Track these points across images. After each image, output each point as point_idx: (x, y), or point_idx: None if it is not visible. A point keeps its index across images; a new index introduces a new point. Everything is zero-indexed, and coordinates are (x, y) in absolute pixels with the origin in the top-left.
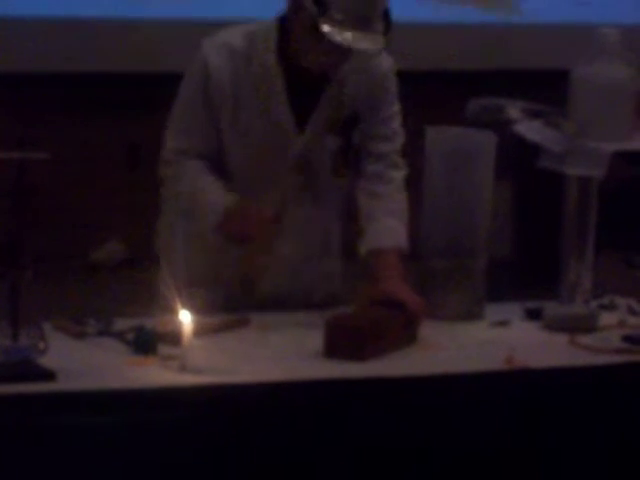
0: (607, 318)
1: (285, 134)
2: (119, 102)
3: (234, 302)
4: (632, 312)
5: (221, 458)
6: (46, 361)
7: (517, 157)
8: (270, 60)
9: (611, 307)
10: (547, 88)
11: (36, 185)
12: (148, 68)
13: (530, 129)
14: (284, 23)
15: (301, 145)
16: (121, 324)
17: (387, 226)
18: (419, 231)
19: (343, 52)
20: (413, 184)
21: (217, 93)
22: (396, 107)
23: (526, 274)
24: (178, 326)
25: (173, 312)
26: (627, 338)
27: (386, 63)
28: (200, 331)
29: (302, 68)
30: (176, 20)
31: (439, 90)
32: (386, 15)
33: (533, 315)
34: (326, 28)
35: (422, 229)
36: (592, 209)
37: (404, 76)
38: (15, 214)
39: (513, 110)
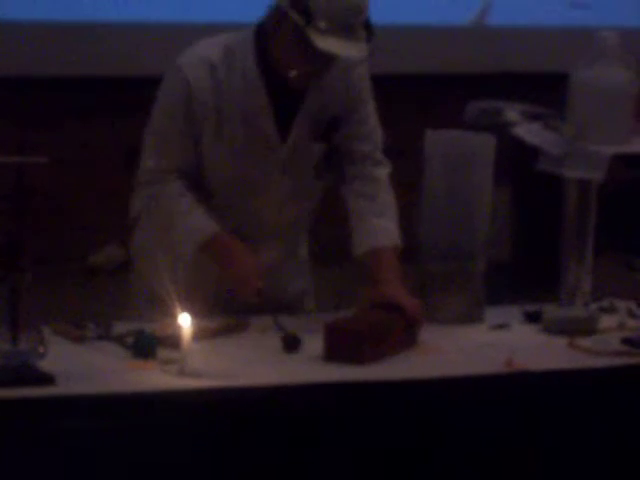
0: (606, 321)
1: (269, 143)
2: (118, 106)
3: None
4: (631, 315)
5: (220, 462)
6: (45, 365)
7: (516, 160)
8: (250, 71)
9: (610, 310)
10: (546, 91)
11: (34, 188)
12: (147, 72)
13: (529, 132)
14: (261, 33)
15: (285, 153)
16: (120, 328)
17: (379, 226)
18: (418, 234)
19: (327, 61)
20: (413, 187)
21: (200, 108)
22: (371, 105)
23: (525, 277)
24: (177, 330)
25: (172, 316)
26: (626, 341)
27: (360, 65)
28: (199, 335)
29: (282, 77)
30: (175, 24)
31: (438, 93)
32: (367, 24)
33: (532, 318)
34: (312, 36)
35: (421, 232)
36: (591, 212)
37: (403, 79)
38: (14, 217)
39: (512, 113)
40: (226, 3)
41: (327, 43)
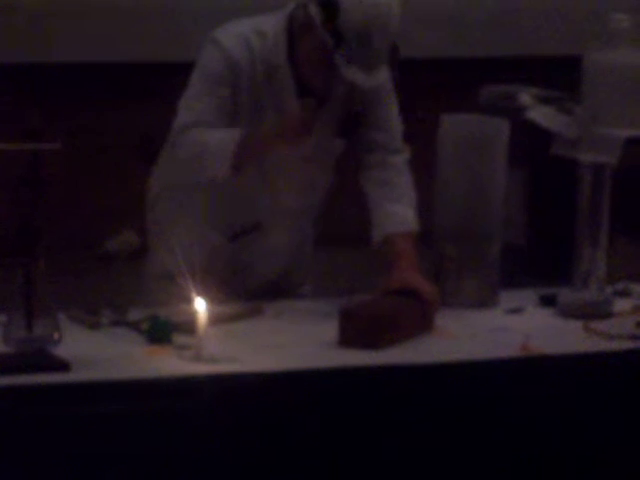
0: (621, 304)
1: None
2: (132, 92)
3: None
4: None
5: (236, 447)
6: (61, 351)
7: (531, 143)
8: (281, 59)
9: (625, 293)
10: (560, 74)
11: (49, 175)
12: (161, 58)
13: (543, 115)
14: (292, 25)
15: (307, 145)
16: (135, 314)
17: (395, 213)
18: (433, 218)
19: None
20: (428, 171)
21: (235, 78)
22: (391, 94)
23: (540, 261)
24: (193, 315)
25: (188, 300)
26: None
27: None
28: (215, 320)
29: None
30: (191, 9)
31: (452, 77)
32: (393, 47)
33: (547, 302)
34: (339, 62)
35: (436, 216)
36: (606, 195)
37: (417, 64)
38: (29, 204)
39: (526, 96)
40: None
41: (352, 72)
